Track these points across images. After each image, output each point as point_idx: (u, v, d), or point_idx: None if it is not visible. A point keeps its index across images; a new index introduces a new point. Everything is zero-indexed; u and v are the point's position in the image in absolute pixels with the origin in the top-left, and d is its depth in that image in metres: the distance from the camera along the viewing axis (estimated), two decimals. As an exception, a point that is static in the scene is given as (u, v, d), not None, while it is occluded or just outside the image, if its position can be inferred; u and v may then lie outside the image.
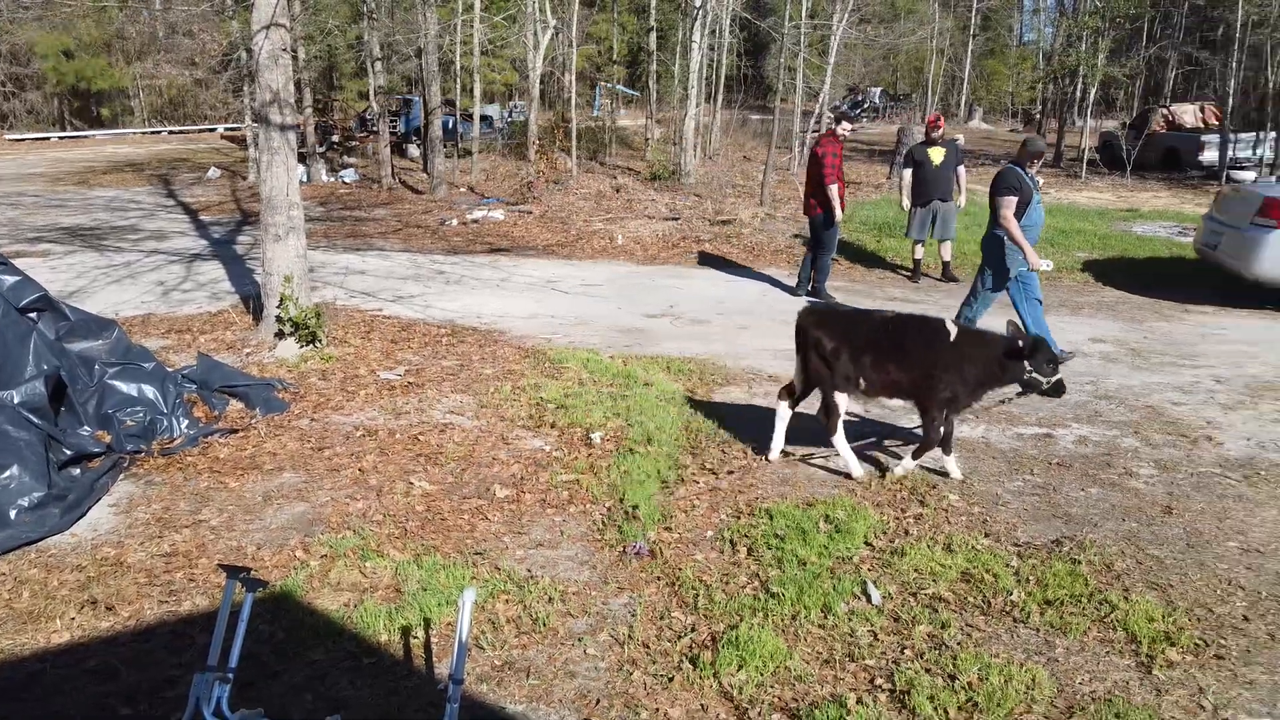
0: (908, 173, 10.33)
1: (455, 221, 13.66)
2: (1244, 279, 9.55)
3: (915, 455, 5.07)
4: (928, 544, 4.26)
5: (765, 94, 33.83)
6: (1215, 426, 6.02)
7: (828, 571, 4.00)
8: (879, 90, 42.57)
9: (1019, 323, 5.52)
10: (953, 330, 4.93)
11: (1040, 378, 4.84)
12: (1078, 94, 26.44)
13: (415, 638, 3.52)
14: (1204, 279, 10.39)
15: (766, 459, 5.25)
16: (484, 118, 23.07)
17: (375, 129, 19.81)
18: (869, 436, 5.64)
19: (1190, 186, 20.45)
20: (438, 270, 10.32)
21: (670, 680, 3.30)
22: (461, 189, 17.21)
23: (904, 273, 10.97)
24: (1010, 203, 6.91)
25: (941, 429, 4.97)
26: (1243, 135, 22.43)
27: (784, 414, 5.25)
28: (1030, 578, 3.99)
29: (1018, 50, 49.18)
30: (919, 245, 10.62)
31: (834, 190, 9.24)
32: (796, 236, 12.55)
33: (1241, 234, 9.49)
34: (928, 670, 3.35)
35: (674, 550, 4.21)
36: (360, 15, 18.57)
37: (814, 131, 20.91)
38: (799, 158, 19.79)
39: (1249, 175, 19.50)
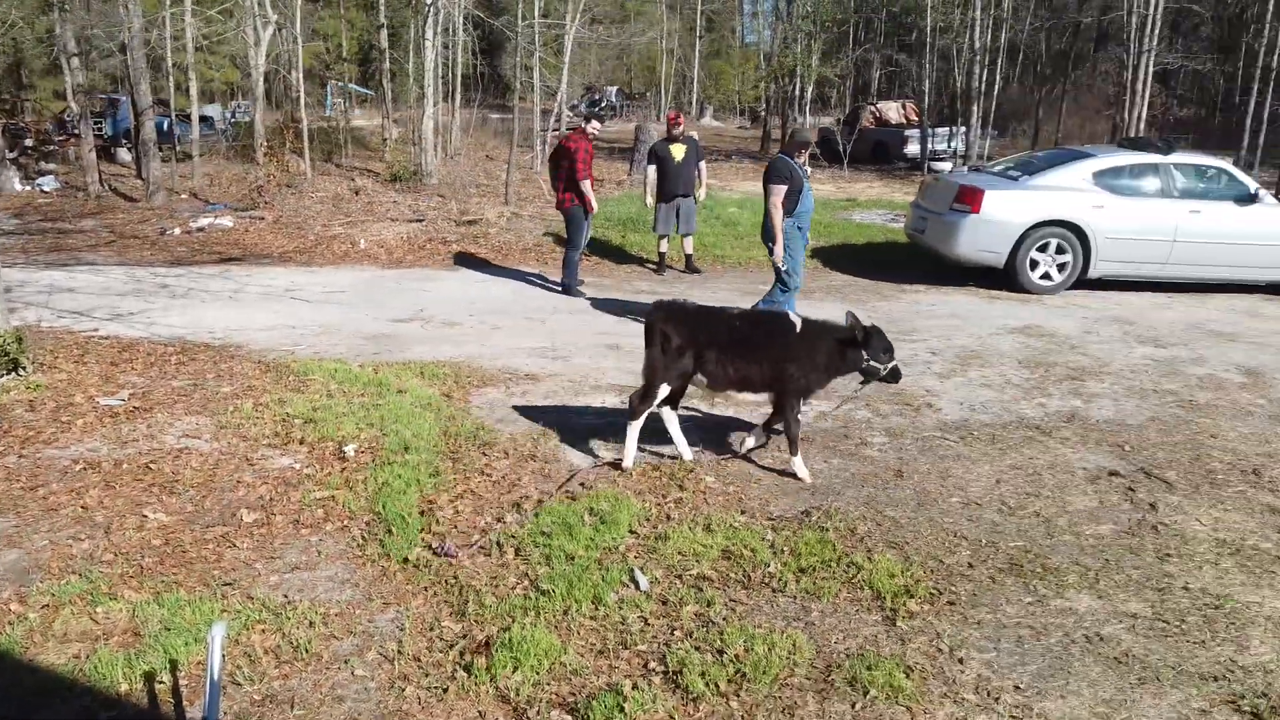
0: (651, 169, 10.62)
1: (178, 230, 12.66)
2: (947, 259, 10.58)
3: (793, 451, 5.09)
4: (689, 526, 4.40)
5: (504, 93, 33.79)
6: (933, 394, 6.62)
7: (596, 563, 4.04)
8: (615, 89, 43.65)
9: (854, 313, 5.69)
10: (798, 323, 5.07)
11: (878, 365, 5.05)
12: (797, 92, 28.26)
13: (162, 683, 3.23)
14: (916, 261, 11.42)
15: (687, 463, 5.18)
16: (204, 118, 21.54)
17: (77, 131, 17.96)
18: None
19: (898, 177, 22.40)
20: (161, 284, 9.52)
21: (445, 691, 3.22)
22: (183, 195, 15.99)
23: (650, 266, 11.30)
24: (780, 190, 7.24)
25: (799, 419, 5.10)
26: (939, 130, 24.82)
27: (670, 417, 5.24)
28: (785, 549, 4.22)
29: (741, 51, 51.96)
30: (664, 240, 10.97)
31: (587, 185, 9.41)
32: (547, 235, 12.61)
33: (942, 219, 10.50)
34: (697, 648, 3.46)
35: (441, 558, 4.11)
36: (50, 6, 16.75)
37: (554, 131, 21.10)
38: (542, 156, 19.90)
39: (946, 166, 21.65)
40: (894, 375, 5.15)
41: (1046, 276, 10.27)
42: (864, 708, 3.18)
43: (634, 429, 5.07)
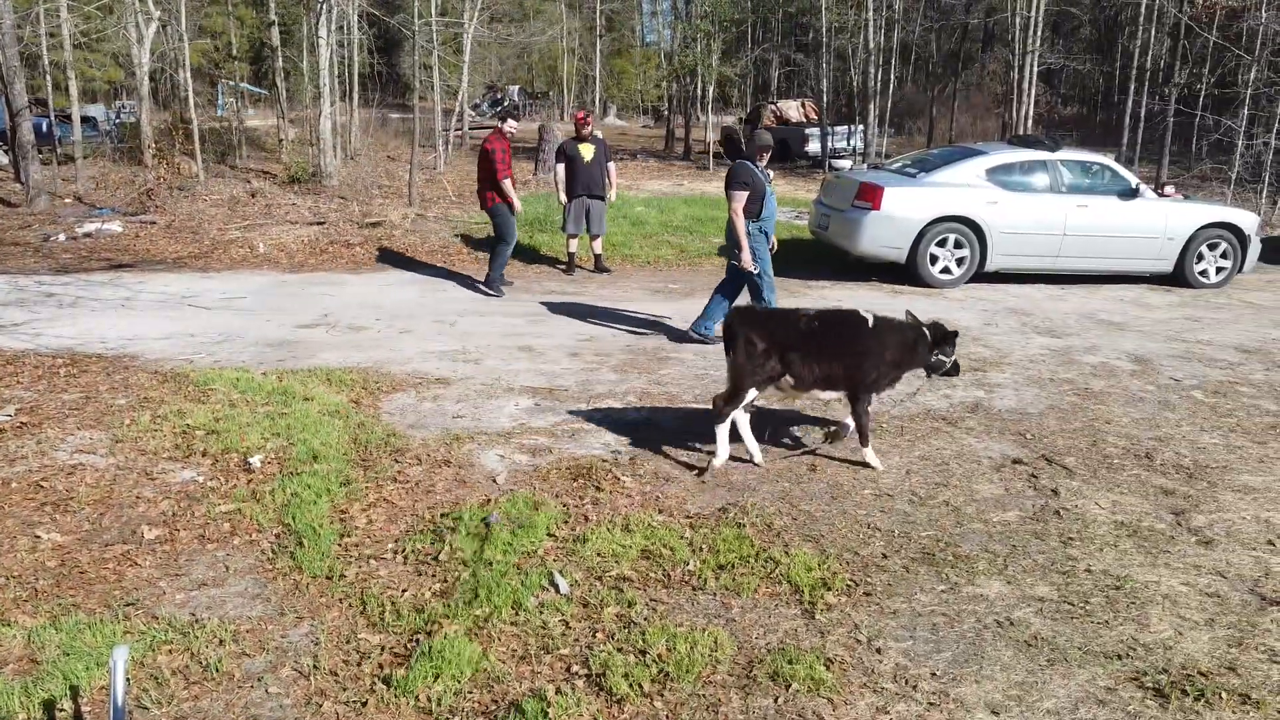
0: (560, 168, 10.55)
1: (63, 236, 12.08)
2: (850, 255, 10.80)
3: (863, 443, 5.27)
4: (607, 527, 4.39)
5: (404, 92, 33.20)
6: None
7: (514, 568, 4.00)
8: (517, 88, 43.30)
9: (912, 311, 5.70)
10: (870, 319, 5.24)
11: (944, 359, 5.37)
12: (698, 92, 28.49)
13: (63, 710, 3.06)
14: (821, 258, 11.61)
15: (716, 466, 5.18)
16: (87, 119, 20.56)
17: (-56, 134, 16.99)
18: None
19: (800, 175, 22.78)
20: (46, 293, 9.07)
21: (364, 705, 3.14)
22: (67, 200, 15.27)
23: (560, 266, 11.24)
24: (741, 197, 7.24)
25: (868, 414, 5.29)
26: (839, 128, 25.33)
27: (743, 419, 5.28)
28: (703, 546, 4.24)
29: (642, 50, 52.11)
30: (573, 239, 10.93)
31: (508, 184, 9.47)
32: (455, 236, 12.44)
33: (845, 216, 10.71)
34: (620, 650, 3.44)
35: (356, 568, 4.01)
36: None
37: (456, 131, 20.85)
38: (445, 156, 19.64)
39: (846, 163, 22.10)
40: (955, 369, 5.51)
41: (946, 270, 10.56)
42: (786, 701, 3.21)
43: (722, 430, 5.14)
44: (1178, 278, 11.14)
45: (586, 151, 10.49)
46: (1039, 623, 3.74)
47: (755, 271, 7.35)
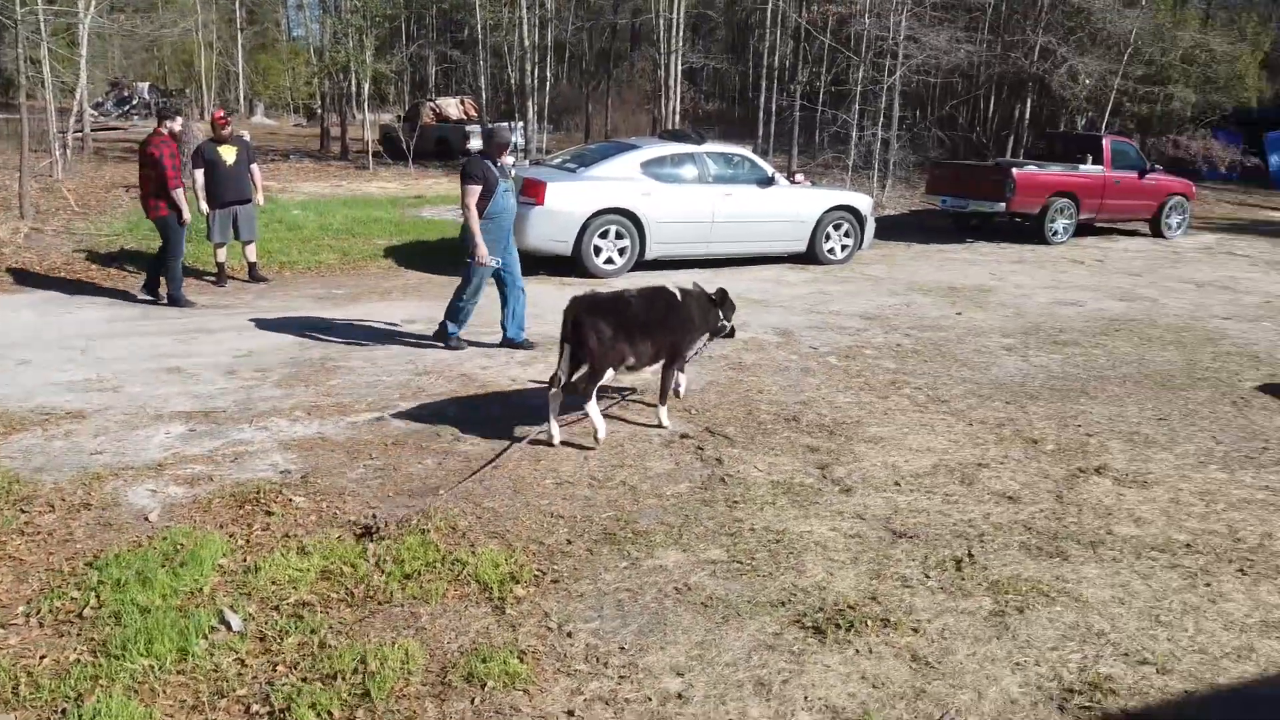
0: (199, 173, 9.73)
1: None
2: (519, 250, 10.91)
3: (663, 401, 5.95)
4: (281, 552, 4.14)
5: (7, 89, 29.24)
6: (519, 383, 6.82)
7: (177, 611, 3.66)
8: (148, 85, 39.50)
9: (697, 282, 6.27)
10: (678, 293, 5.82)
11: (726, 323, 6.18)
12: (353, 89, 27.53)
13: None
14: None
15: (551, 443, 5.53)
16: None
17: None
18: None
19: (464, 172, 22.65)
20: None
21: (1, 795, 2.74)
22: None
23: (209, 278, 10.40)
24: (472, 192, 7.10)
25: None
26: (499, 125, 25.45)
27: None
28: (387, 558, 4.11)
29: (290, 45, 49.42)
30: (221, 249, 10.14)
31: (180, 193, 8.80)
32: (78, 251, 11.12)
33: (511, 212, 10.80)
34: (305, 680, 3.26)
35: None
36: None
37: (76, 133, 18.69)
38: (64, 162, 17.55)
39: (509, 160, 22.25)
40: (733, 331, 6.41)
41: (610, 261, 10.99)
42: (483, 701, 3.20)
43: (593, 405, 5.53)
44: (810, 256, 12.34)
45: (228, 154, 9.79)
46: (713, 584, 4.01)
47: (495, 265, 7.37)
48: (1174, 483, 5.32)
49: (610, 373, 5.60)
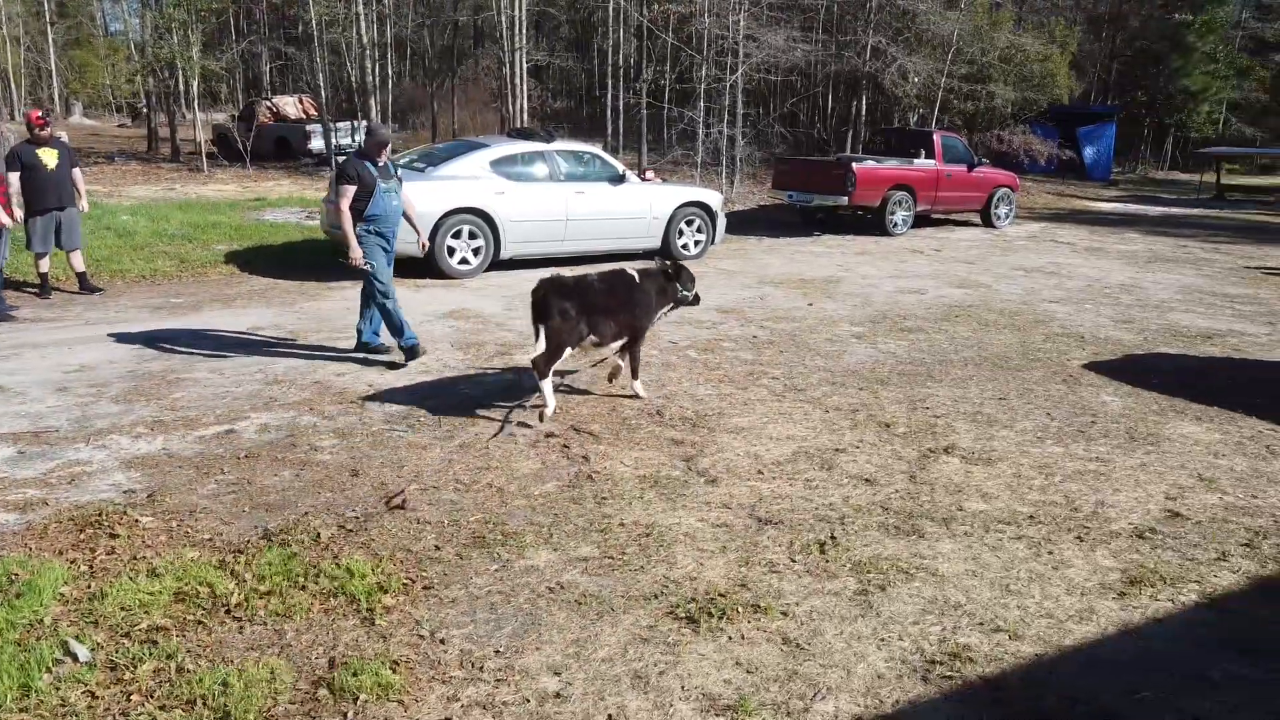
0: (15, 177, 9.03)
1: None
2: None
3: (635, 376, 6.48)
4: (129, 576, 3.91)
5: None
6: (376, 387, 6.65)
7: (16, 645, 3.40)
8: (-56, 84, 36.42)
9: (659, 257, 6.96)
10: (636, 275, 6.26)
11: (688, 293, 6.55)
12: (181, 87, 26.17)
13: None
14: (340, 256, 11.28)
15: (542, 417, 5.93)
16: None
17: None
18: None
19: (306, 173, 21.94)
20: None
21: None
22: None
23: (31, 290, 9.69)
24: (347, 192, 6.81)
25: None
26: (341, 124, 24.74)
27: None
28: (247, 575, 3.94)
29: (108, 41, 46.50)
30: (43, 259, 9.45)
31: None
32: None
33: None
34: (162, 707, 3.09)
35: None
36: None
37: None
38: None
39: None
40: (697, 299, 6.74)
41: (465, 261, 10.84)
42: (357, 714, 3.11)
43: (546, 383, 5.94)
44: (665, 252, 12.49)
45: (49, 157, 9.14)
46: (586, 581, 4.02)
47: (368, 269, 7.04)
48: (1015, 458, 5.66)
49: (568, 352, 6.03)
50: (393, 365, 7.20)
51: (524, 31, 23.60)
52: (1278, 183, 33.12)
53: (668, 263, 6.63)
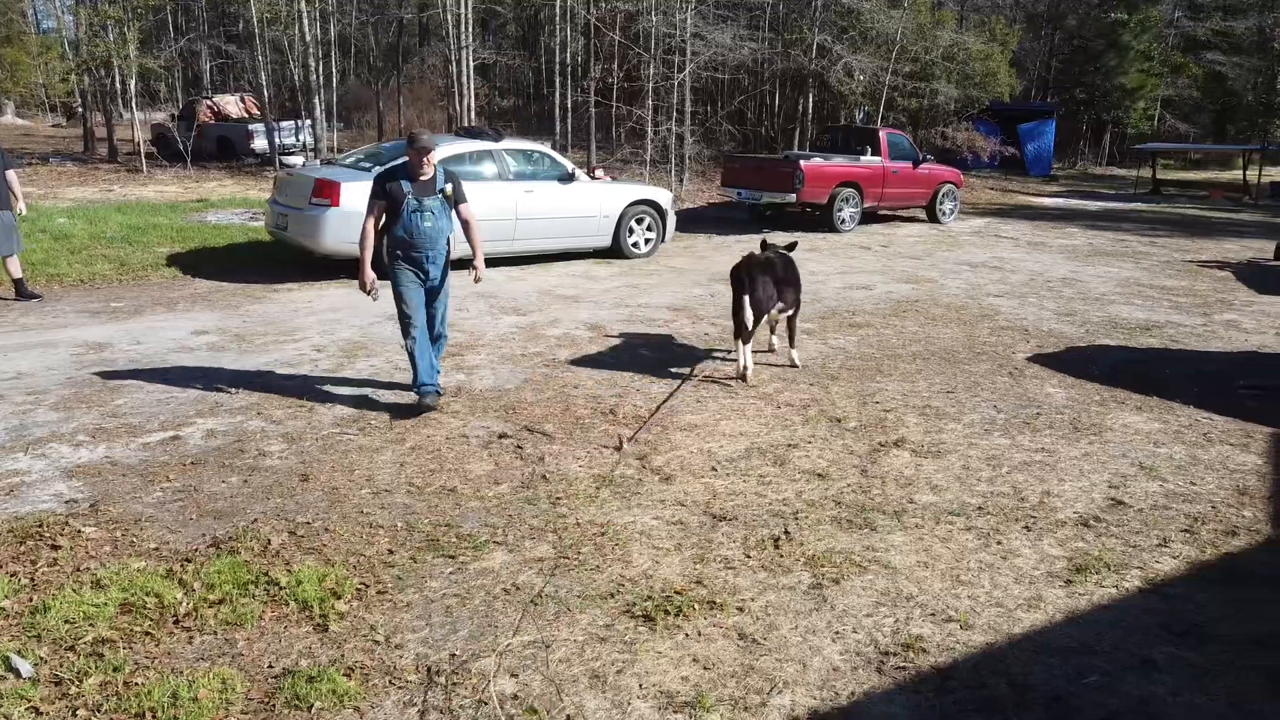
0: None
1: None
2: (315, 254, 10.49)
3: (793, 345, 7.68)
4: (73, 588, 3.82)
5: None
6: (324, 389, 6.56)
7: (-46, 663, 3.31)
8: None
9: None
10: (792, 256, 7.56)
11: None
12: (118, 86, 25.57)
13: None
14: (285, 259, 11.13)
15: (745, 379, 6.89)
16: None
17: None
18: None
19: (249, 173, 21.58)
20: None
21: None
22: None
23: (-37, 295, 9.42)
24: (372, 208, 6.39)
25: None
26: (284, 123, 24.36)
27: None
28: (195, 584, 3.87)
29: (40, 38, 45.24)
30: (-24, 263, 9.20)
31: None
32: None
33: (304, 214, 10.37)
34: (110, 722, 3.03)
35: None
36: None
37: None
38: None
39: (298, 160, 21.35)
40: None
41: (413, 261, 10.71)
42: (312, 724, 3.08)
43: (747, 349, 7.02)
44: (615, 251, 12.50)
45: (-22, 161, 8.89)
46: (541, 581, 4.00)
47: (373, 299, 6.25)
48: (964, 450, 5.75)
49: (763, 317, 7.05)
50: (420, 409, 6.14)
51: (470, 29, 23.44)
52: (1210, 177, 34.03)
53: (794, 242, 7.96)
